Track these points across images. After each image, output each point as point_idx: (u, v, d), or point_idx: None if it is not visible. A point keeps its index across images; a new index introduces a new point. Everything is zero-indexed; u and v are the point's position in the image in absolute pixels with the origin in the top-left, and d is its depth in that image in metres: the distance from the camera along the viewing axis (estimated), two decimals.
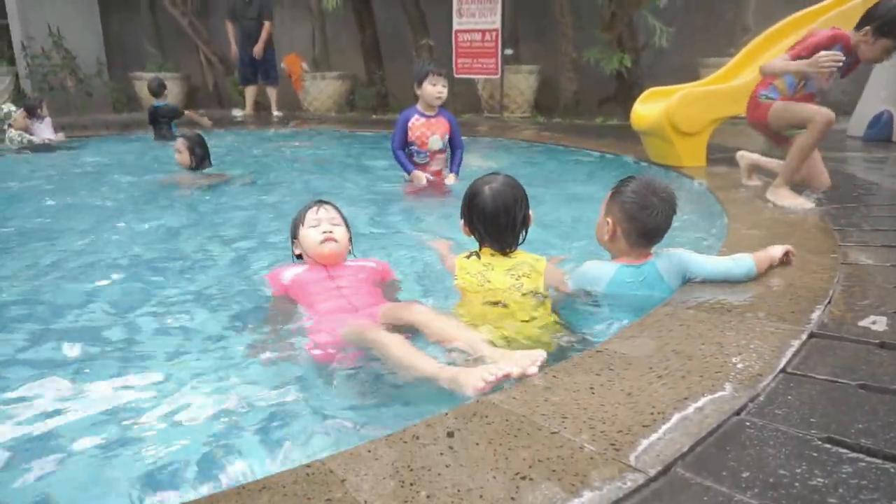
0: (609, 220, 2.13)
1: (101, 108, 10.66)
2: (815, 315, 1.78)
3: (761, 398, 1.36)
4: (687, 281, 2.11)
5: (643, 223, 2.06)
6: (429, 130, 4.29)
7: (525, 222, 2.17)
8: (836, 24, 4.35)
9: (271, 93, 9.67)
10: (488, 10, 8.27)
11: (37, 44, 9.86)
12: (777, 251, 2.19)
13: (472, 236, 2.22)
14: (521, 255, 2.20)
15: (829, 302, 1.88)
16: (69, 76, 10.10)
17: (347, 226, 2.37)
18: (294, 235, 2.36)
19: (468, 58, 8.44)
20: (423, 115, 4.32)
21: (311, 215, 2.30)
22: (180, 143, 4.88)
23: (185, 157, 4.83)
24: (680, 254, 2.13)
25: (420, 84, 4.24)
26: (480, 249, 2.20)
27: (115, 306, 2.42)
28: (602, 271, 2.13)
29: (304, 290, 2.20)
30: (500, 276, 2.12)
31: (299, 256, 2.38)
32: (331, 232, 2.26)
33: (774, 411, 1.30)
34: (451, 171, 4.44)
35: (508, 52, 8.57)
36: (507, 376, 1.49)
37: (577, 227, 3.38)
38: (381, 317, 1.99)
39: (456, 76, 8.74)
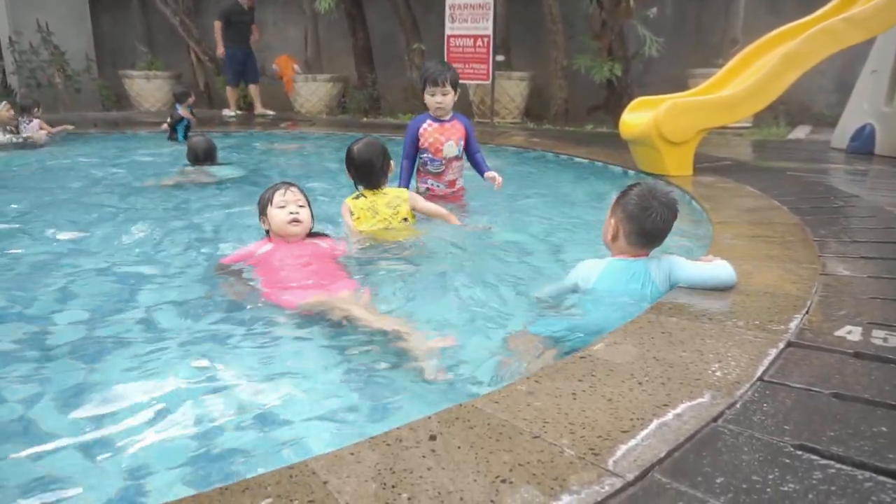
0: (613, 220, 2.24)
1: (89, 105, 10.60)
2: (794, 324, 1.81)
3: (738, 406, 1.39)
4: (673, 286, 2.15)
5: (642, 224, 2.16)
6: (443, 136, 3.88)
7: (385, 168, 3.11)
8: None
9: (256, 91, 9.72)
10: (481, 17, 8.32)
11: (25, 39, 9.80)
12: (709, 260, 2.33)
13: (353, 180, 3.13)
14: (392, 192, 3.15)
15: (808, 311, 1.92)
16: (57, 72, 10.04)
17: (310, 206, 2.65)
18: (262, 212, 2.62)
19: (460, 63, 8.48)
20: (435, 119, 3.90)
21: (278, 196, 2.57)
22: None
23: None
24: (671, 259, 2.20)
25: (423, 92, 3.90)
26: (362, 191, 3.10)
27: (95, 305, 2.41)
28: (595, 265, 2.24)
29: (270, 264, 2.51)
30: (383, 209, 3.09)
31: (267, 232, 2.66)
32: (297, 213, 2.56)
33: (750, 418, 1.33)
34: (485, 170, 3.97)
35: (500, 58, 8.62)
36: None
37: (566, 231, 3.42)
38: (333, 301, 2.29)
39: None
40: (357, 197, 3.11)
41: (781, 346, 1.68)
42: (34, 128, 6.97)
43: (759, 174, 4.59)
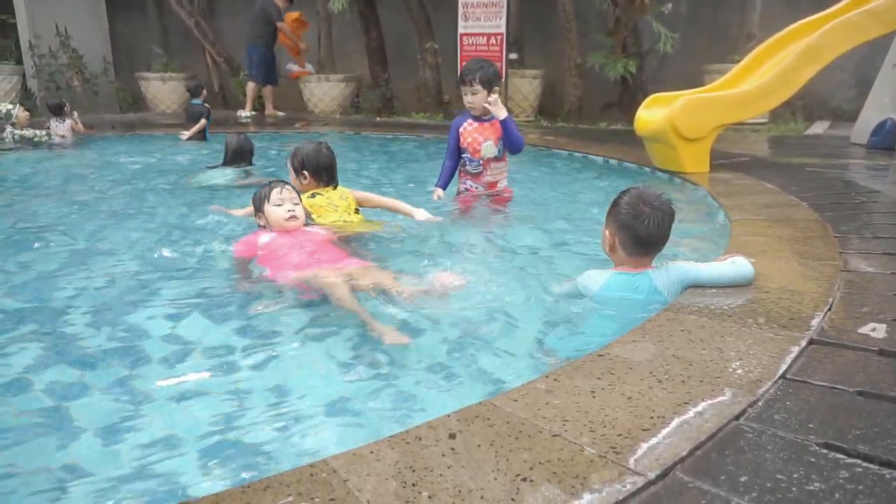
0: (607, 231, 2.20)
1: (107, 107, 10.71)
2: (815, 322, 1.79)
3: (760, 404, 1.37)
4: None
5: (636, 232, 2.11)
6: (481, 136, 3.73)
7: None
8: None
9: (270, 92, 9.81)
10: (494, 15, 8.31)
11: (44, 43, 9.92)
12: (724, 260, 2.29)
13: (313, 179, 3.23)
14: (340, 190, 3.29)
15: (830, 309, 1.89)
16: (75, 75, 10.15)
17: (301, 201, 2.90)
18: (259, 209, 2.83)
19: None
20: (475, 118, 3.76)
21: (275, 195, 2.78)
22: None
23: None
24: (679, 266, 2.14)
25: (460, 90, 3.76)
26: (318, 190, 3.21)
27: (112, 302, 2.44)
28: (597, 277, 2.19)
29: (278, 250, 2.66)
30: (340, 202, 3.22)
31: (263, 226, 2.85)
32: (294, 211, 2.77)
33: (773, 417, 1.32)
34: (511, 150, 3.81)
35: (513, 56, 8.60)
36: None
37: (580, 229, 3.40)
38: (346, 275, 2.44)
39: None
40: (312, 196, 3.19)
41: (804, 343, 1.66)
42: (66, 127, 7.08)
43: (777, 170, 4.54)
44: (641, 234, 2.11)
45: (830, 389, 1.42)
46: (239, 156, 4.88)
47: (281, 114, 9.74)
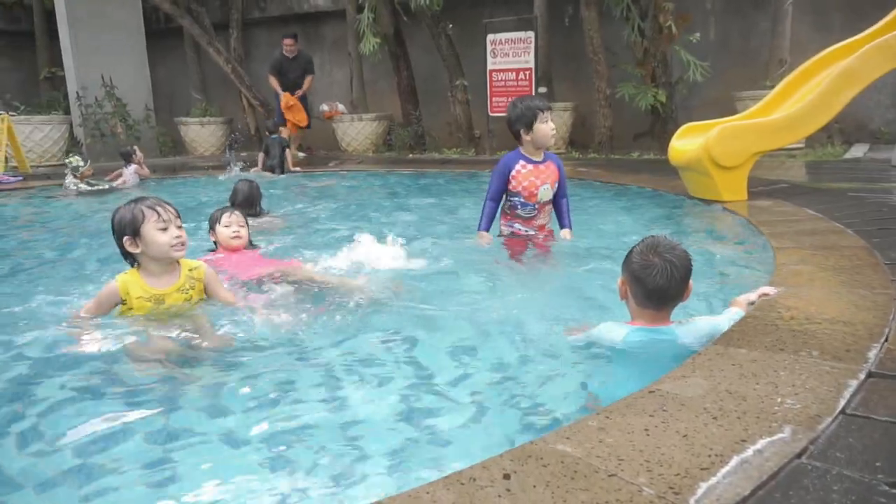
0: (621, 280, 2.13)
1: (148, 151, 11.11)
2: (873, 354, 1.74)
3: (822, 441, 1.33)
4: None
5: (645, 284, 2.02)
6: (538, 179, 3.52)
7: None
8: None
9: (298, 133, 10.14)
10: (522, 51, 8.44)
11: (90, 93, 10.38)
12: (753, 296, 2.28)
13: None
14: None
15: (886, 340, 1.84)
16: (119, 123, 10.59)
17: (248, 224, 3.42)
18: (212, 227, 3.37)
19: (503, 96, 8.58)
20: (529, 160, 3.53)
21: (225, 218, 3.32)
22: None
23: None
24: (706, 322, 2.08)
25: (529, 127, 3.44)
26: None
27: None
28: (614, 334, 2.09)
29: (224, 268, 3.08)
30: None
31: (215, 242, 3.36)
32: (238, 232, 3.30)
33: (836, 454, 1.28)
34: (565, 225, 3.73)
35: (542, 90, 8.69)
36: None
37: (616, 261, 3.37)
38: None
39: (491, 114, 8.89)
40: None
41: (862, 376, 1.61)
42: (130, 172, 7.66)
43: (817, 196, 4.46)
44: (650, 287, 2.01)
45: (895, 425, 1.38)
46: (248, 202, 4.90)
47: (301, 154, 9.99)
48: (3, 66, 11.82)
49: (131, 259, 2.56)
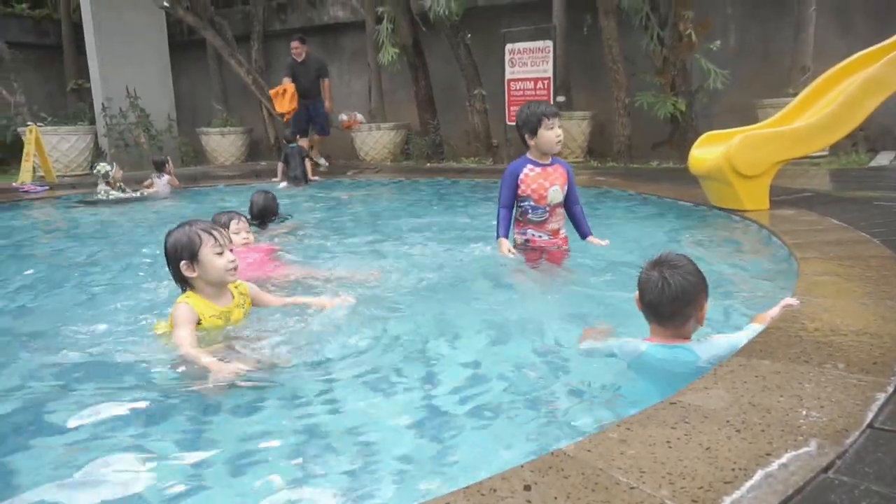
0: (636, 293, 2.10)
1: (171, 161, 11.27)
2: None
3: (849, 455, 1.31)
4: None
5: (643, 296, 2.03)
6: (547, 181, 3.52)
7: None
8: None
9: (317, 142, 10.12)
10: (540, 60, 8.44)
11: (115, 104, 10.58)
12: (776, 311, 2.23)
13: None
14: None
15: None
16: (142, 133, 10.77)
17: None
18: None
19: (521, 106, 8.58)
20: (537, 164, 3.54)
21: (233, 225, 3.53)
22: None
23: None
24: (726, 341, 2.03)
25: (534, 132, 3.47)
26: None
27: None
28: (632, 348, 2.08)
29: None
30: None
31: None
32: (247, 238, 3.62)
33: (864, 469, 1.25)
34: (586, 232, 3.72)
35: (561, 99, 8.68)
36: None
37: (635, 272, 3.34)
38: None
39: (509, 123, 8.90)
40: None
41: (890, 389, 1.58)
42: (163, 182, 7.81)
43: (842, 205, 4.39)
44: (645, 300, 2.02)
45: None
46: (264, 213, 4.91)
47: (323, 161, 10.03)
48: (33, 79, 12.08)
49: (183, 283, 2.50)
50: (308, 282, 3.38)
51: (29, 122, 9.26)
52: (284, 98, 9.55)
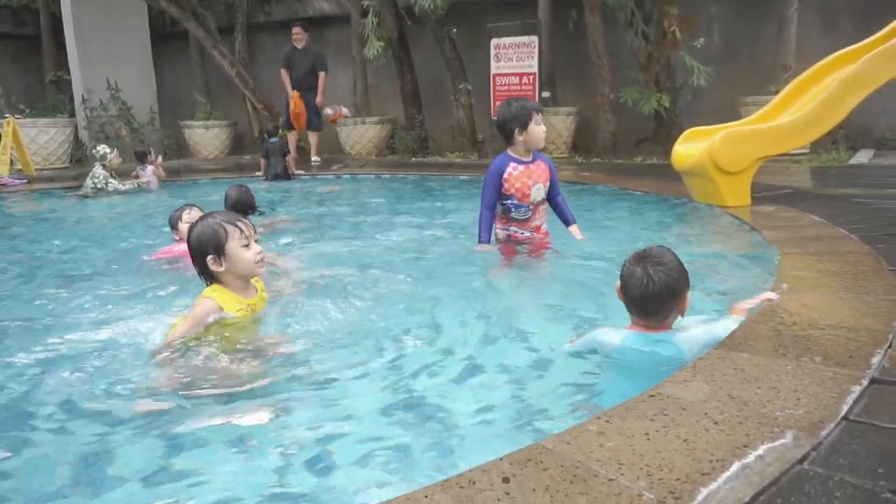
0: (618, 282, 2.11)
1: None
2: (876, 360, 1.73)
3: (824, 447, 1.32)
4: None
5: (627, 291, 2.04)
6: (530, 179, 3.50)
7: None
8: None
9: (313, 138, 9.92)
10: (526, 55, 8.45)
11: (95, 96, 10.42)
12: (753, 302, 2.26)
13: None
14: None
15: (890, 346, 1.83)
16: (124, 126, 10.62)
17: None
18: (174, 227, 3.71)
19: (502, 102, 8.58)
20: (520, 161, 3.50)
21: (185, 215, 3.61)
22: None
23: None
24: (703, 331, 2.04)
25: (524, 127, 3.41)
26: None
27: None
28: (612, 338, 2.09)
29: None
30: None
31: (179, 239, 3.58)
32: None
33: (839, 461, 1.27)
34: (570, 221, 3.73)
35: (546, 94, 8.69)
36: None
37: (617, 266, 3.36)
38: None
39: (494, 118, 8.88)
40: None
41: (865, 382, 1.60)
42: (149, 173, 7.59)
43: (822, 202, 4.44)
44: (630, 295, 2.03)
45: None
46: (238, 208, 4.78)
47: (317, 159, 9.92)
48: (10, 70, 11.86)
49: (209, 277, 2.41)
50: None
51: (6, 115, 9.08)
52: (301, 118, 9.45)
